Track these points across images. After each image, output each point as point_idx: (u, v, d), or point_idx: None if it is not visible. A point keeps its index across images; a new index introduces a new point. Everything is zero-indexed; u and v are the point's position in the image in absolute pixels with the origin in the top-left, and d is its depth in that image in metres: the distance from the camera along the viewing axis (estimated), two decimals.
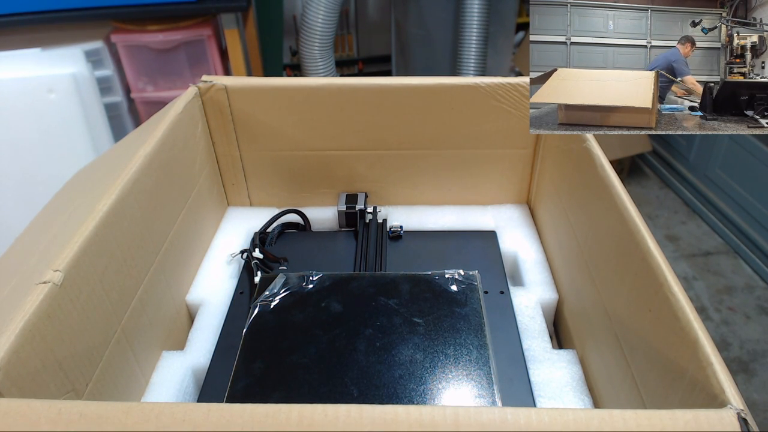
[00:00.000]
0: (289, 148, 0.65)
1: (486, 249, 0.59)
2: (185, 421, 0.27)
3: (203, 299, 0.56)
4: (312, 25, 1.61)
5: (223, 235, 0.65)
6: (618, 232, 0.41)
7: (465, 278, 0.50)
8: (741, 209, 1.59)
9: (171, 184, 0.54)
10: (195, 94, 0.60)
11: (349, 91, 0.61)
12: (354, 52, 2.23)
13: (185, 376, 0.48)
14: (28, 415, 0.27)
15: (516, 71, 1.96)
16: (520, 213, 0.66)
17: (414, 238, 0.62)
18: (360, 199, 0.65)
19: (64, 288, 0.36)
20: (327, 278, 0.51)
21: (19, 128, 1.27)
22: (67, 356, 0.36)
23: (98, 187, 0.47)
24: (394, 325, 0.46)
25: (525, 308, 0.52)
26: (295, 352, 0.44)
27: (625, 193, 0.42)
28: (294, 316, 0.47)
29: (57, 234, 0.43)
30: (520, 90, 0.59)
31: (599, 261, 0.46)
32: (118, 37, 1.29)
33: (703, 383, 0.29)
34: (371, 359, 0.43)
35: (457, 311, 0.47)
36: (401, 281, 0.50)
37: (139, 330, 0.46)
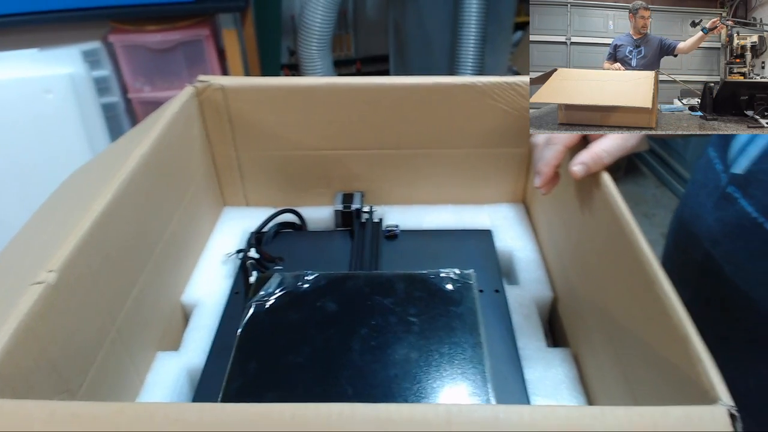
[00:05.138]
0: (285, 147, 0.65)
1: (481, 248, 0.59)
2: (179, 421, 0.27)
3: (198, 299, 0.56)
4: (310, 25, 1.61)
5: (219, 234, 0.65)
6: (610, 230, 0.41)
7: (460, 277, 0.50)
8: None
9: (167, 183, 0.54)
10: (191, 93, 0.60)
11: (346, 90, 0.61)
12: (352, 52, 2.23)
13: (180, 377, 0.48)
14: (21, 415, 0.27)
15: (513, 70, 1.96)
16: (515, 212, 0.66)
17: (410, 238, 0.62)
18: (356, 198, 0.65)
19: (58, 288, 0.36)
20: (322, 278, 0.51)
21: (16, 128, 1.27)
22: (61, 357, 0.36)
23: (93, 187, 0.47)
24: (389, 324, 0.46)
25: (520, 307, 0.52)
26: (290, 352, 0.44)
27: (617, 191, 0.42)
28: (289, 316, 0.47)
29: (52, 234, 0.43)
30: (517, 89, 0.59)
31: (592, 259, 0.46)
32: (116, 37, 1.29)
33: (694, 380, 0.29)
34: (366, 358, 0.43)
35: (452, 310, 0.47)
36: (396, 280, 0.50)
37: (134, 330, 0.46)
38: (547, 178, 0.44)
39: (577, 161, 0.43)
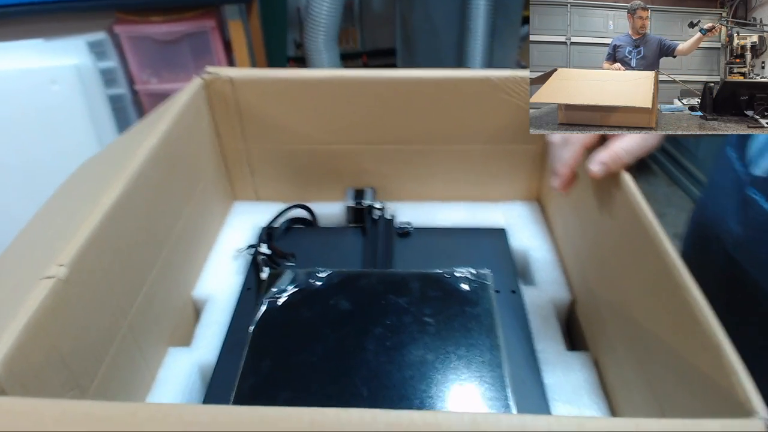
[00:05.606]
0: (295, 141, 0.64)
1: (496, 247, 0.58)
2: (193, 423, 0.27)
3: (210, 295, 0.55)
4: (316, 17, 1.59)
5: (229, 229, 0.64)
6: (631, 229, 0.40)
7: (476, 277, 0.49)
8: None
9: (176, 177, 0.53)
10: (200, 85, 0.59)
11: (358, 83, 0.60)
12: (358, 45, 2.21)
13: (192, 373, 0.48)
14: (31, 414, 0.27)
15: (522, 65, 1.94)
16: (530, 210, 0.65)
17: (422, 235, 0.61)
18: (368, 194, 0.64)
19: (69, 283, 0.35)
20: (335, 275, 0.50)
21: (21, 120, 1.26)
22: (71, 352, 0.36)
23: (103, 181, 0.46)
24: (404, 324, 0.45)
25: (537, 308, 0.51)
26: (304, 351, 0.43)
27: (637, 188, 0.41)
28: (302, 314, 0.46)
29: (61, 228, 0.42)
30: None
31: (613, 261, 0.45)
32: (122, 28, 1.28)
33: (728, 391, 0.28)
34: (381, 359, 0.42)
35: (468, 311, 0.46)
36: (411, 279, 0.49)
37: (145, 326, 0.45)
38: (566, 179, 0.43)
39: (596, 160, 0.42)
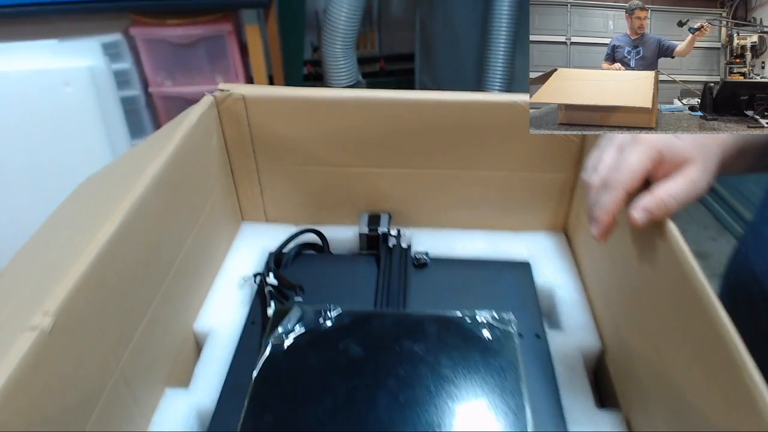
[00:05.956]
0: (308, 162, 0.61)
1: (519, 283, 0.54)
2: None
3: (212, 328, 0.52)
4: (335, 22, 1.56)
5: (236, 253, 0.61)
6: (676, 287, 0.36)
7: (499, 323, 0.45)
8: None
9: (182, 202, 0.50)
10: (211, 103, 0.56)
11: (374, 104, 0.56)
12: (376, 49, 2.18)
13: (189, 417, 0.44)
14: None
15: None
16: (555, 241, 0.61)
17: (440, 267, 0.57)
18: (383, 220, 0.61)
19: (54, 334, 0.32)
20: (346, 315, 0.46)
21: (34, 121, 1.24)
22: (56, 412, 0.33)
23: (102, 207, 0.43)
24: (420, 376, 0.41)
25: (563, 356, 0.47)
26: (310, 403, 0.40)
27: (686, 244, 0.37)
28: (309, 360, 0.43)
29: (52, 263, 0.39)
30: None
31: (650, 313, 0.41)
32: (137, 30, 1.26)
33: None
34: (394, 417, 0.38)
35: (491, 362, 0.42)
36: (428, 322, 0.45)
37: (140, 369, 0.42)
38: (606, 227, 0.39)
39: (639, 206, 0.38)
